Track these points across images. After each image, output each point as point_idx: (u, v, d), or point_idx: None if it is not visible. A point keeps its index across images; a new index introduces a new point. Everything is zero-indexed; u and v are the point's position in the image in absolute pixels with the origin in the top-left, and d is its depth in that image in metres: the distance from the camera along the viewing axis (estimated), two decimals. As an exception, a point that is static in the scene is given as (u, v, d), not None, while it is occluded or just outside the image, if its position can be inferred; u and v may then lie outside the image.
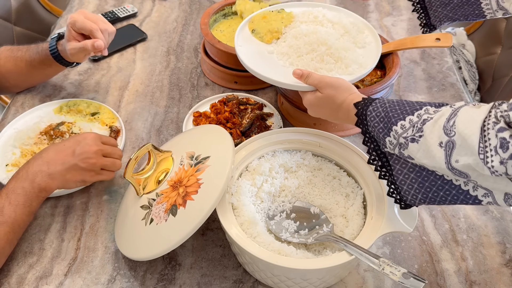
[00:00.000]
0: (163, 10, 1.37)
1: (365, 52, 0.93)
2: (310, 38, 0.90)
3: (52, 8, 1.58)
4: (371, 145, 0.70)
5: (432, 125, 0.60)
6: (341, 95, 0.76)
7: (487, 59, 1.50)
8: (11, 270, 0.77)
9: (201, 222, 0.67)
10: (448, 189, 0.63)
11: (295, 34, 0.93)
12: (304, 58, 0.89)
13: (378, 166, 0.69)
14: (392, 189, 0.68)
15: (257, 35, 0.97)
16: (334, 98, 0.77)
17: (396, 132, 0.63)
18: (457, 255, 0.82)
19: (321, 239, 0.73)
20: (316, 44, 0.89)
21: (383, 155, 0.69)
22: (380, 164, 0.69)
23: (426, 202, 0.65)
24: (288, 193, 0.81)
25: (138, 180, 0.78)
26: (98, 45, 0.90)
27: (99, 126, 1.00)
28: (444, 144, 0.58)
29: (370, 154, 0.70)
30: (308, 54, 0.89)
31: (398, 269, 0.61)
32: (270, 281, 0.73)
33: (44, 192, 0.78)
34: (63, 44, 0.96)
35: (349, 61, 0.88)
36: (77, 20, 0.91)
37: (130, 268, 0.78)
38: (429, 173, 0.64)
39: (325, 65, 0.88)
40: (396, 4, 1.44)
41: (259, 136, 0.83)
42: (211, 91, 1.13)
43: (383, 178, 0.69)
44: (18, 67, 1.00)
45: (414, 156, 0.62)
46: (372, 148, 0.70)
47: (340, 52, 0.89)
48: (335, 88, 0.77)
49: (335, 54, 0.88)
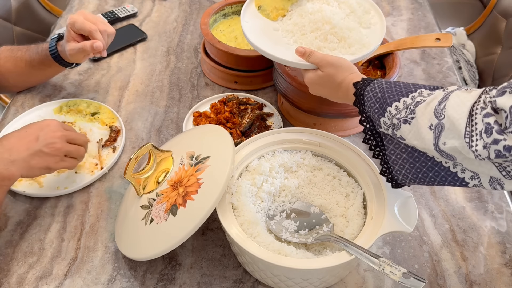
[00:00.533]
0: (163, 10, 1.37)
1: (370, 32, 0.93)
2: (315, 17, 0.90)
3: (52, 8, 1.58)
4: (366, 125, 0.72)
5: (424, 107, 0.61)
6: (341, 74, 0.77)
7: (487, 59, 1.50)
8: (11, 270, 0.77)
9: (201, 222, 0.67)
10: (437, 170, 0.65)
11: (301, 12, 0.93)
12: (308, 36, 0.90)
13: (373, 146, 0.72)
14: (384, 168, 0.71)
15: (263, 12, 0.97)
16: (334, 77, 0.78)
17: (390, 113, 0.65)
18: (457, 255, 0.82)
19: (321, 239, 0.73)
20: (321, 23, 0.89)
21: (377, 135, 0.71)
22: (375, 143, 0.72)
23: (416, 182, 0.68)
24: (288, 193, 0.81)
25: (138, 180, 0.78)
26: (97, 46, 0.90)
27: (99, 126, 1.00)
28: (434, 127, 0.60)
29: (365, 134, 0.72)
30: (312, 32, 0.90)
31: (398, 269, 0.61)
32: (270, 281, 0.73)
33: (7, 180, 0.74)
34: (62, 45, 0.96)
35: (352, 41, 0.89)
36: (76, 21, 0.91)
37: (130, 268, 0.78)
38: (420, 154, 0.66)
39: (328, 44, 0.88)
40: (396, 4, 1.44)
41: (259, 136, 0.83)
42: (211, 91, 1.13)
43: (376, 157, 0.72)
44: (18, 67, 1.00)
45: (405, 137, 0.64)
46: (368, 128, 0.72)
47: (344, 32, 0.89)
48: (335, 67, 0.78)
49: (339, 34, 0.89)
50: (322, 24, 0.89)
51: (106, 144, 0.96)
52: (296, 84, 0.93)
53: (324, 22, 0.89)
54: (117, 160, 0.95)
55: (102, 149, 0.96)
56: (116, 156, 0.95)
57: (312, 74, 0.82)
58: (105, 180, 0.92)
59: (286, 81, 0.95)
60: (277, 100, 1.10)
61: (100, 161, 0.93)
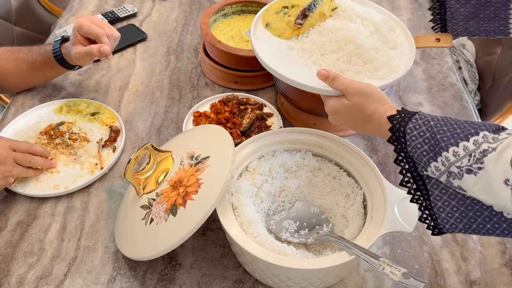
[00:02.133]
0: (163, 10, 1.37)
1: (397, 54, 0.83)
2: (337, 35, 0.81)
3: (52, 8, 1.58)
4: (405, 165, 0.63)
5: (495, 158, 0.53)
6: (372, 105, 0.69)
7: (487, 59, 1.50)
8: (11, 270, 0.77)
9: (201, 222, 0.67)
10: (497, 222, 0.57)
11: (320, 29, 0.84)
12: (328, 57, 0.81)
13: (412, 189, 0.64)
14: (425, 214, 0.63)
15: (272, 30, 0.89)
16: (363, 108, 0.69)
17: (447, 159, 0.57)
18: (457, 255, 0.82)
19: (321, 239, 0.73)
20: (343, 42, 0.80)
21: (419, 177, 0.63)
22: (415, 187, 0.63)
23: (468, 232, 0.60)
24: (288, 193, 0.81)
25: (138, 180, 0.78)
26: (104, 50, 0.92)
27: (99, 126, 1.00)
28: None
29: (403, 175, 0.64)
30: (333, 52, 0.81)
31: (398, 269, 0.61)
32: (270, 281, 0.73)
33: None
34: (67, 47, 0.97)
35: (379, 63, 0.80)
36: (83, 24, 0.92)
37: (130, 268, 0.78)
38: (474, 202, 0.58)
39: (352, 67, 0.80)
40: (396, 4, 1.44)
41: (259, 136, 0.83)
42: (211, 91, 1.13)
43: (415, 202, 0.64)
44: (19, 68, 1.01)
45: (468, 189, 0.56)
46: (407, 169, 0.63)
47: (369, 53, 0.80)
48: (365, 96, 0.69)
49: (364, 55, 0.79)
50: (345, 44, 0.79)
51: (106, 144, 0.96)
52: (296, 84, 0.92)
53: (347, 41, 0.80)
54: (117, 160, 0.95)
55: (102, 149, 0.96)
56: (116, 156, 0.95)
57: (335, 102, 0.73)
58: (105, 180, 0.92)
59: (286, 81, 0.94)
60: (277, 100, 1.10)
61: (100, 161, 0.93)
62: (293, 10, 0.88)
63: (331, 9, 0.85)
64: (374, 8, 0.91)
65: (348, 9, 0.87)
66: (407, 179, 0.64)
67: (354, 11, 0.86)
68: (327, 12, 0.85)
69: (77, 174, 0.91)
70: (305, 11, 0.86)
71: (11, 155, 0.83)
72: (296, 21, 0.85)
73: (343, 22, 0.83)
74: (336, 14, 0.86)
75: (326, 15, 0.85)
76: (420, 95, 1.13)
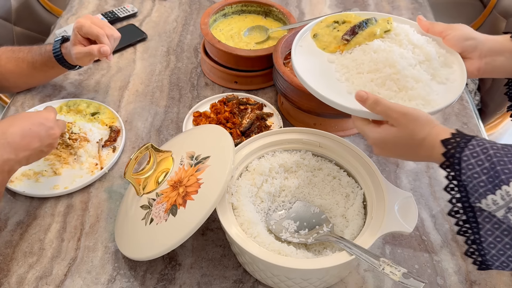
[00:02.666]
0: (163, 10, 1.37)
1: (442, 89, 0.77)
2: (378, 56, 0.77)
3: (52, 8, 1.58)
4: (457, 194, 0.59)
5: None
6: (422, 129, 0.63)
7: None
8: (11, 270, 0.77)
9: (201, 222, 0.67)
10: None
11: (365, 48, 0.81)
12: (363, 76, 0.77)
13: (461, 220, 0.59)
14: (472, 249, 0.59)
15: (318, 42, 0.86)
16: (413, 133, 0.63)
17: (507, 193, 0.53)
18: (457, 255, 0.82)
19: (321, 239, 0.73)
20: (383, 64, 0.76)
21: (470, 209, 0.58)
22: (465, 218, 0.59)
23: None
24: (288, 193, 0.81)
25: (138, 180, 0.78)
26: (104, 51, 0.92)
27: (99, 126, 1.00)
28: None
29: (453, 205, 0.59)
30: (369, 73, 0.77)
31: (398, 269, 0.61)
32: (270, 281, 0.73)
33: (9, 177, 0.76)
34: (67, 47, 0.97)
35: (415, 94, 0.74)
36: (83, 25, 0.92)
37: (130, 268, 0.78)
38: None
39: (385, 91, 0.75)
40: (396, 4, 1.44)
41: (259, 136, 0.83)
42: (211, 91, 1.13)
43: (462, 234, 0.60)
44: (19, 67, 1.01)
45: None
46: (458, 199, 0.59)
47: (407, 81, 0.74)
48: (413, 119, 0.63)
49: (401, 81, 0.74)
50: (384, 66, 0.76)
51: (106, 144, 0.96)
52: (296, 84, 0.93)
53: (388, 64, 0.76)
54: (117, 160, 0.95)
55: (102, 149, 0.96)
56: (116, 156, 0.95)
57: (379, 132, 0.66)
58: (105, 180, 0.92)
59: (286, 81, 0.94)
60: (277, 100, 1.10)
61: (100, 161, 0.93)
62: (343, 26, 0.86)
63: (384, 31, 0.83)
64: (436, 42, 0.85)
65: (402, 33, 0.83)
66: (457, 209, 0.60)
67: (408, 37, 0.82)
68: (379, 33, 0.82)
69: (77, 174, 0.91)
70: (354, 28, 0.83)
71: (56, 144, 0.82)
72: (344, 37, 0.83)
73: (390, 45, 0.80)
74: (388, 36, 0.82)
75: (376, 35, 0.82)
76: (420, 95, 1.13)
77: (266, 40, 1.14)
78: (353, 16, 0.89)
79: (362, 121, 0.70)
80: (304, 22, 1.12)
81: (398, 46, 0.80)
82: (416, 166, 0.96)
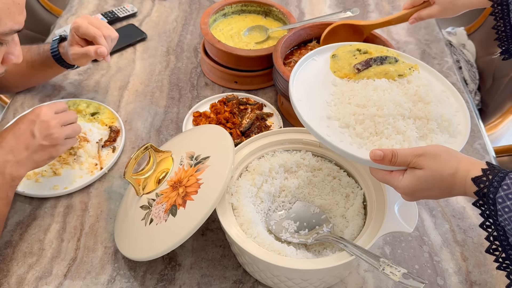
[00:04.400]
0: (163, 10, 1.37)
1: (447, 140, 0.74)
2: (374, 94, 0.75)
3: (52, 8, 1.58)
4: (494, 232, 0.57)
5: None
6: (448, 166, 0.60)
7: (488, 59, 1.50)
8: (11, 270, 0.77)
9: (201, 222, 0.67)
10: None
11: (369, 82, 0.78)
12: (349, 107, 0.75)
13: (501, 258, 0.58)
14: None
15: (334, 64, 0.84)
16: (441, 172, 0.60)
17: None
18: (457, 255, 0.82)
19: (321, 239, 0.73)
20: (372, 103, 0.73)
21: (509, 247, 0.57)
22: (504, 256, 0.57)
23: None
24: (288, 193, 0.81)
25: (138, 180, 0.78)
26: (101, 52, 0.91)
27: (99, 126, 1.00)
28: None
29: (490, 242, 0.58)
30: (356, 106, 0.75)
31: (398, 269, 0.61)
32: (270, 282, 0.73)
33: (17, 180, 0.76)
34: (65, 47, 0.97)
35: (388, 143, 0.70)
36: (80, 25, 0.92)
37: (130, 268, 0.78)
38: None
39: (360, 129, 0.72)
40: (396, 4, 1.44)
41: (259, 136, 0.83)
42: (211, 91, 1.12)
43: (503, 269, 0.58)
44: (18, 67, 1.00)
45: None
46: (495, 237, 0.57)
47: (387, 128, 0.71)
48: (435, 157, 0.61)
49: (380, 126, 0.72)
50: (372, 105, 0.73)
51: (106, 144, 0.96)
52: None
53: (377, 104, 0.73)
54: (116, 160, 0.95)
55: (102, 149, 0.96)
56: (116, 156, 0.95)
57: (407, 180, 0.62)
58: (105, 180, 0.92)
59: (286, 81, 0.94)
60: (277, 100, 1.10)
61: (100, 161, 0.93)
62: (362, 56, 0.84)
63: (398, 74, 0.79)
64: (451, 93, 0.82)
65: (415, 82, 0.78)
66: (495, 247, 0.58)
67: (419, 88, 0.76)
68: (392, 74, 0.79)
69: (77, 175, 0.91)
70: (369, 61, 0.81)
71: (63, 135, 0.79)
72: (356, 65, 0.81)
73: (392, 88, 0.76)
74: (399, 80, 0.79)
75: (387, 75, 0.79)
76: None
77: (266, 40, 1.14)
78: (379, 50, 0.86)
79: (383, 173, 0.66)
80: (304, 22, 1.12)
81: (402, 94, 0.75)
82: (416, 166, 0.96)
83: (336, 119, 0.74)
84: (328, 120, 0.74)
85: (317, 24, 1.08)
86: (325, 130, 0.72)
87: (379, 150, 0.64)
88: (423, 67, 0.86)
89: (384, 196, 0.73)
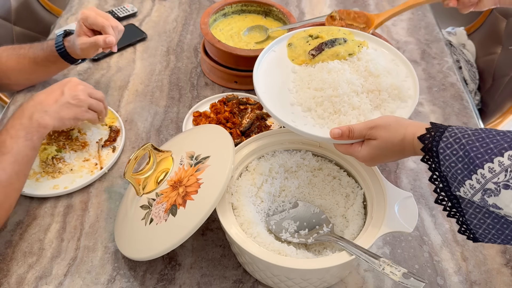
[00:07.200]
0: (163, 10, 1.37)
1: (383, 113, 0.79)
2: (329, 76, 0.80)
3: (52, 8, 1.58)
4: (439, 184, 0.63)
5: None
6: (397, 133, 0.67)
7: (487, 59, 1.50)
8: (11, 270, 0.77)
9: (201, 222, 0.67)
10: None
11: (323, 66, 0.83)
12: (308, 91, 0.81)
13: (448, 207, 0.63)
14: (464, 228, 0.63)
15: (291, 51, 0.89)
16: (390, 140, 0.68)
17: (482, 176, 0.56)
18: (457, 255, 0.82)
19: (321, 239, 0.73)
20: (328, 85, 0.79)
21: (453, 196, 0.62)
22: (450, 205, 0.63)
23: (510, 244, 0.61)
24: (288, 193, 0.81)
25: (138, 180, 0.78)
26: (109, 41, 0.93)
27: (99, 126, 1.00)
28: None
29: (438, 194, 0.63)
30: (315, 90, 0.81)
31: (398, 269, 0.61)
32: (270, 281, 0.73)
33: (43, 128, 0.80)
34: (70, 40, 0.98)
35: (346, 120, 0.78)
36: (89, 16, 0.94)
37: (130, 268, 0.78)
38: (508, 221, 0.58)
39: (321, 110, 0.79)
40: (396, 4, 1.44)
41: (259, 136, 0.83)
42: (211, 91, 1.12)
43: (452, 217, 0.63)
44: (20, 64, 1.01)
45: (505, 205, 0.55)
46: (441, 188, 0.63)
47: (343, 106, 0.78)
48: (384, 128, 0.69)
49: (337, 105, 0.78)
50: (328, 87, 0.79)
51: (106, 144, 0.96)
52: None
53: (332, 86, 0.79)
54: (116, 160, 0.95)
55: (102, 149, 0.96)
56: (116, 156, 0.95)
57: (365, 148, 0.71)
58: (105, 180, 0.92)
59: (286, 81, 0.95)
60: (277, 100, 1.10)
61: (100, 161, 0.93)
62: (314, 41, 0.89)
63: (348, 53, 0.85)
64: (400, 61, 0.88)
65: (364, 59, 0.84)
66: (441, 197, 0.63)
67: (368, 63, 0.83)
68: (342, 54, 0.84)
69: (77, 174, 0.91)
70: (322, 45, 0.86)
71: (88, 101, 0.87)
72: (310, 52, 0.86)
73: (344, 68, 0.82)
74: (350, 59, 0.84)
75: (339, 56, 0.84)
76: (421, 95, 1.12)
77: (266, 40, 1.14)
78: (330, 32, 0.91)
79: (344, 146, 0.74)
80: (304, 22, 1.12)
81: (354, 71, 0.82)
82: (416, 166, 0.96)
83: (298, 105, 0.80)
84: (291, 106, 0.80)
85: (317, 24, 1.08)
86: (290, 116, 0.78)
87: (338, 128, 0.72)
88: (372, 40, 0.92)
89: (384, 196, 0.73)
